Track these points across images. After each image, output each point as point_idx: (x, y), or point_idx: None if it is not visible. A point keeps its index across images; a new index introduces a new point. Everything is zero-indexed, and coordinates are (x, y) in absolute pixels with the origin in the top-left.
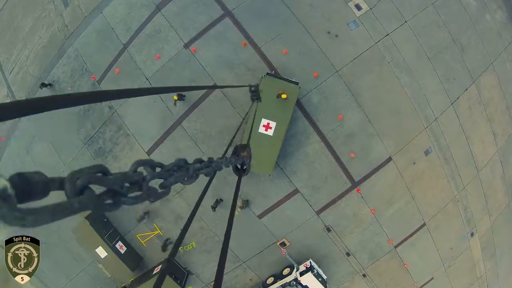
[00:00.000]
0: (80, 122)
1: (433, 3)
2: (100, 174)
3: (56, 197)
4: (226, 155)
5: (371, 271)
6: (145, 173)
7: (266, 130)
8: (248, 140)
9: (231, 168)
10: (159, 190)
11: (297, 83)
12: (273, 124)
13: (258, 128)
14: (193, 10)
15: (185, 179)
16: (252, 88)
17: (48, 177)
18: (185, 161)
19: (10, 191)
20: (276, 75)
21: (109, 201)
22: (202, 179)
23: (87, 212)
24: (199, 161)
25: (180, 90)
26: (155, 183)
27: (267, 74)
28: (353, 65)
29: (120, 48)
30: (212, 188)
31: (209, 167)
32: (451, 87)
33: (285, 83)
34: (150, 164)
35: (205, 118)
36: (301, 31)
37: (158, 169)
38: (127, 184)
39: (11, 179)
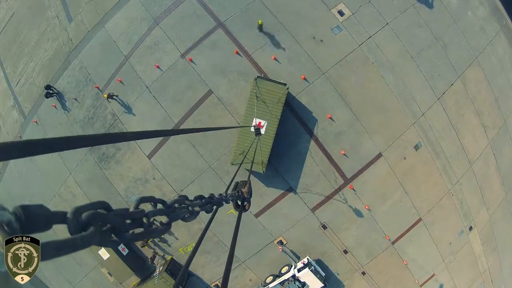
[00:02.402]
0: (84, 129)
1: (413, 4)
2: (102, 210)
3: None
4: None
5: (370, 268)
6: (147, 210)
7: None
8: (249, 176)
9: (231, 204)
10: (160, 227)
11: (285, 84)
12: (264, 123)
13: (250, 128)
14: (188, 22)
15: (186, 216)
16: (255, 127)
17: (51, 211)
18: (186, 198)
19: (15, 224)
20: (266, 78)
21: (111, 238)
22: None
23: None
24: (200, 197)
25: (204, 130)
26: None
27: (258, 77)
28: (338, 67)
29: (121, 59)
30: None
31: (210, 203)
32: (436, 83)
33: (274, 85)
34: (152, 201)
35: (202, 121)
36: (288, 38)
37: (160, 206)
38: (129, 221)
39: (15, 212)
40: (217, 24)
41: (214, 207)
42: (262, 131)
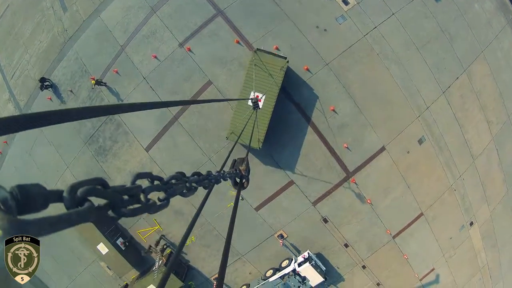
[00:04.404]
0: (80, 122)
1: None
2: (99, 186)
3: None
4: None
5: (371, 262)
6: (144, 186)
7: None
8: (247, 153)
9: (230, 182)
10: (158, 203)
11: (285, 58)
12: (262, 97)
13: (247, 102)
14: (187, 10)
15: (184, 191)
16: (253, 100)
17: (48, 189)
18: (183, 174)
19: (11, 203)
20: (266, 51)
21: (108, 213)
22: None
23: None
24: (197, 174)
25: (195, 103)
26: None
27: (257, 49)
28: (342, 58)
29: (118, 49)
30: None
31: (207, 180)
32: (441, 76)
33: (274, 58)
34: (149, 177)
35: (200, 113)
36: (291, 27)
37: (157, 182)
38: (126, 197)
39: (12, 192)
40: (216, 12)
41: (212, 184)
42: (260, 105)
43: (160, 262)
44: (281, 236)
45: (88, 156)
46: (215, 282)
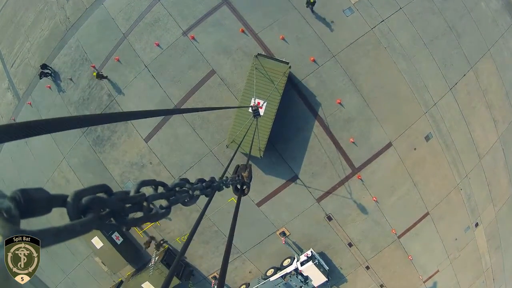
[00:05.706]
0: (79, 111)
1: None
2: (103, 193)
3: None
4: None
5: (375, 263)
6: (147, 194)
7: None
8: (248, 159)
9: (231, 188)
10: (160, 211)
11: (287, 63)
12: (263, 104)
13: (248, 109)
14: None
15: (186, 200)
16: (253, 108)
17: (51, 194)
18: (187, 181)
19: (14, 211)
20: (267, 56)
21: (110, 222)
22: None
23: None
24: (201, 180)
25: (200, 110)
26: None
27: (258, 54)
28: (349, 50)
29: (120, 37)
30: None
31: (210, 187)
32: (448, 73)
33: (275, 63)
34: (153, 184)
35: (203, 103)
36: (298, 17)
37: (161, 188)
38: (129, 205)
39: (15, 196)
40: (222, 1)
41: (214, 192)
42: (261, 112)
43: (156, 258)
44: (283, 234)
45: (85, 146)
46: (213, 281)
